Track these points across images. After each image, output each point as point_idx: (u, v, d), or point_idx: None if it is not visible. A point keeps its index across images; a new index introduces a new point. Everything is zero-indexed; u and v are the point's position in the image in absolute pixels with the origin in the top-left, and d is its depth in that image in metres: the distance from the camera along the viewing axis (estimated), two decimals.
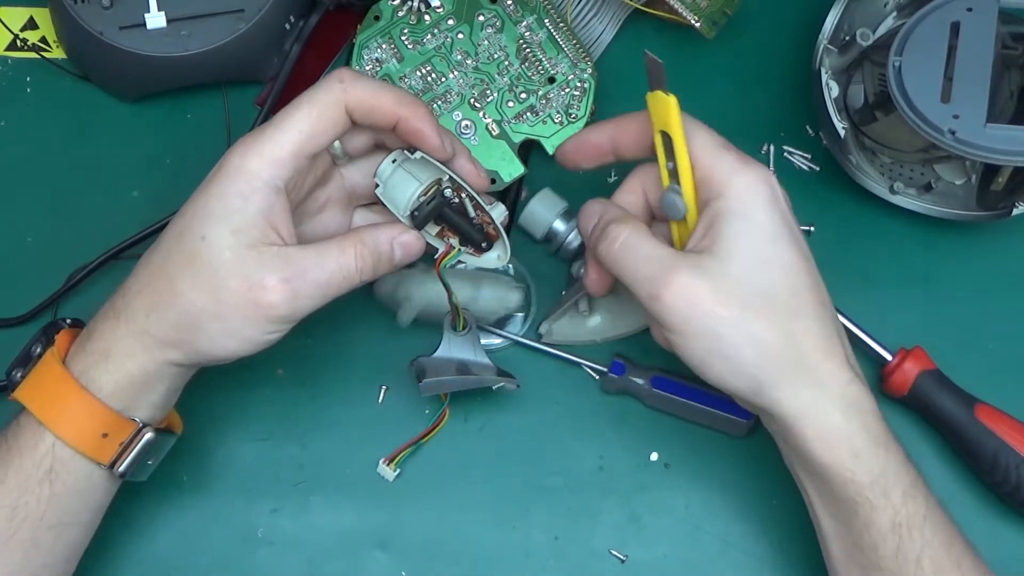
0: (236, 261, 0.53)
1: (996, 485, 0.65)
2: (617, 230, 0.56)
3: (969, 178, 0.70)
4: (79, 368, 0.55)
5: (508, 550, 0.65)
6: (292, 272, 0.53)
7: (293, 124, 0.54)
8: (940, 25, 0.64)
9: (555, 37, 0.70)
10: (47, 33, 0.73)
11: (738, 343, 0.53)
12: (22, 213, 0.70)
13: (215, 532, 0.65)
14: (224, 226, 0.53)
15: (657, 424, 0.67)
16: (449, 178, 0.57)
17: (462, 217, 0.58)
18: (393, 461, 0.65)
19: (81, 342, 0.56)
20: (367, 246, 0.55)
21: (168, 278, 0.54)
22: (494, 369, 0.64)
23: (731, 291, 0.53)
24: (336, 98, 0.54)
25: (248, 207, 0.53)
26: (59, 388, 0.54)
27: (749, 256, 0.53)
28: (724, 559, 0.65)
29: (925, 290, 0.70)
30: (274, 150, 0.53)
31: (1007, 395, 0.66)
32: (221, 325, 0.54)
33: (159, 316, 0.54)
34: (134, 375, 0.55)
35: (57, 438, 0.54)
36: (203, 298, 0.53)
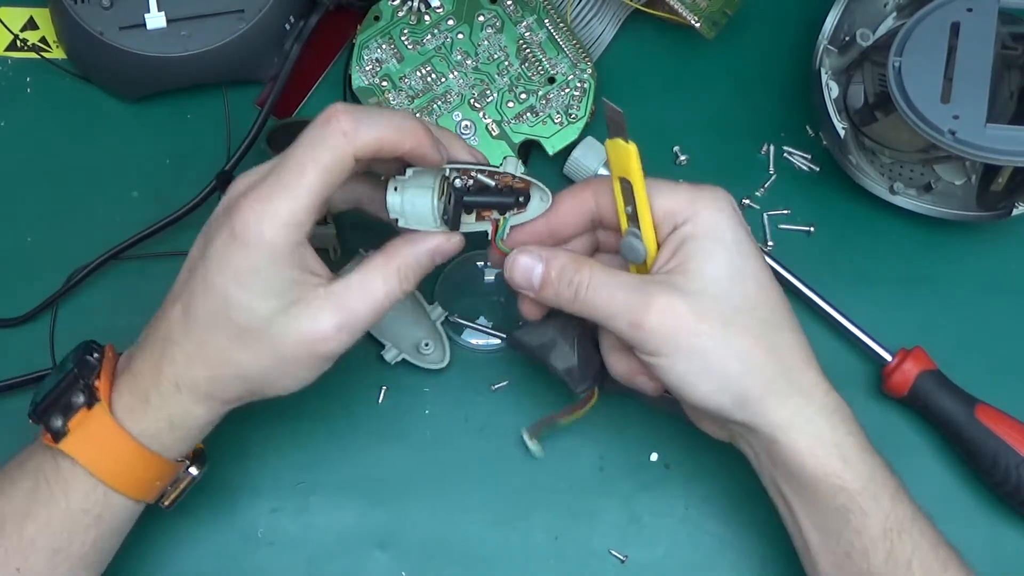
0: (289, 321, 0.53)
1: (996, 485, 0.65)
2: (579, 277, 0.55)
3: (969, 178, 0.70)
4: (138, 429, 0.55)
5: (508, 550, 0.65)
6: (344, 317, 0.53)
7: (304, 186, 0.52)
8: (940, 25, 0.64)
9: (555, 37, 0.70)
10: (47, 33, 0.73)
11: (723, 359, 0.53)
12: (22, 213, 0.70)
13: (215, 532, 0.65)
14: (267, 294, 0.53)
15: (657, 424, 0.67)
16: (450, 169, 0.57)
17: (485, 193, 0.57)
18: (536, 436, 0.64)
19: (136, 403, 0.55)
20: (410, 266, 0.55)
21: (222, 350, 0.54)
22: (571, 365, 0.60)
23: (710, 308, 0.53)
24: (342, 153, 0.52)
25: (284, 270, 0.53)
26: (117, 447, 0.55)
27: (723, 273, 0.53)
28: (724, 559, 0.65)
29: (925, 290, 0.70)
30: (292, 214, 0.52)
31: (1007, 395, 0.66)
32: (284, 376, 0.55)
33: (223, 384, 0.55)
34: (194, 431, 0.56)
35: (111, 488, 0.55)
36: (264, 362, 0.54)
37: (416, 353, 0.66)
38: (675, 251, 0.54)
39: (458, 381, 0.68)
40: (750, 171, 0.72)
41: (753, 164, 0.72)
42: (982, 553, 0.65)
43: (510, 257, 0.57)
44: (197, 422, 0.56)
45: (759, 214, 0.71)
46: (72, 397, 0.55)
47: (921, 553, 0.54)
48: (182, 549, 0.65)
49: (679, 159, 0.72)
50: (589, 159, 0.69)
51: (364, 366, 0.67)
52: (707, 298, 0.53)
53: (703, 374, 0.53)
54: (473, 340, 0.68)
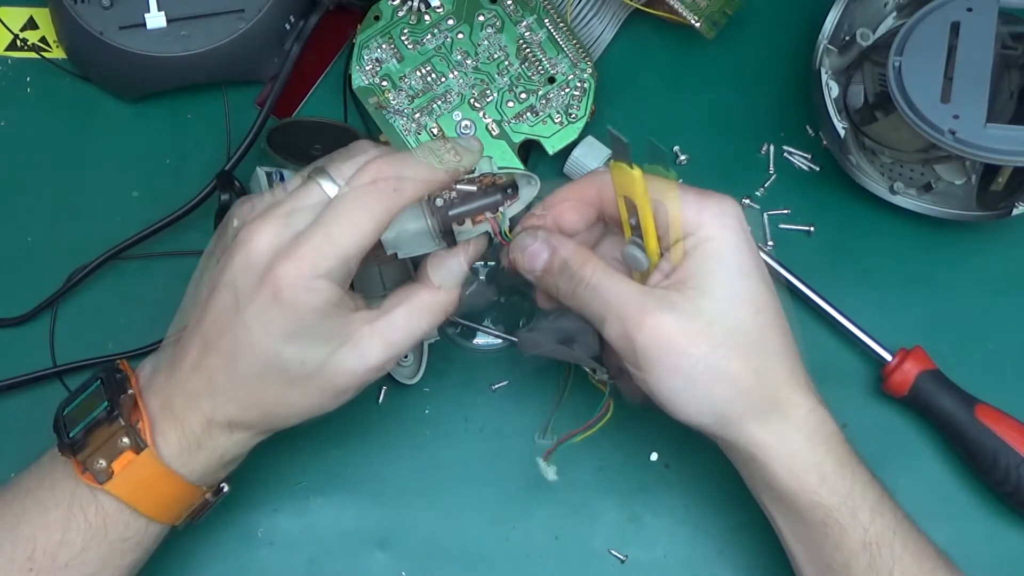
0: (340, 362, 0.54)
1: (996, 485, 0.65)
2: (581, 272, 0.55)
3: (969, 178, 0.70)
4: (189, 469, 0.55)
5: (508, 550, 0.65)
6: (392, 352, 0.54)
7: (354, 243, 0.52)
8: (940, 25, 0.64)
9: (555, 37, 0.70)
10: (47, 33, 0.73)
11: (709, 382, 0.53)
12: (22, 213, 0.70)
13: (215, 532, 0.65)
14: (317, 345, 0.53)
15: (657, 424, 0.67)
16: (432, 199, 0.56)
17: (469, 200, 0.57)
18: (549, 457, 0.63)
19: (189, 448, 0.55)
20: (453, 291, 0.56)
21: (276, 396, 0.54)
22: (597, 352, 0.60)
23: (703, 331, 0.53)
24: (387, 209, 0.53)
25: (332, 323, 0.53)
26: (168, 490, 0.55)
27: (720, 294, 0.53)
28: (724, 559, 0.66)
29: (925, 290, 0.70)
30: (338, 275, 0.52)
31: (1007, 395, 0.66)
32: (333, 405, 0.56)
33: (278, 421, 0.56)
34: (226, 458, 0.56)
35: (151, 520, 0.55)
36: (318, 399, 0.55)
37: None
38: (681, 261, 0.54)
39: (458, 381, 0.68)
40: (750, 171, 0.72)
41: (753, 164, 0.72)
42: (982, 553, 0.65)
43: (518, 238, 0.56)
44: (230, 450, 0.56)
45: (759, 214, 0.71)
46: (116, 439, 0.54)
47: (903, 564, 0.54)
48: (182, 549, 0.65)
49: (679, 159, 0.72)
50: (589, 159, 0.69)
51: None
52: (700, 320, 0.53)
53: (686, 393, 0.53)
54: (473, 340, 0.68)
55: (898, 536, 0.55)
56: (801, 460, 0.54)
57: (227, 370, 0.54)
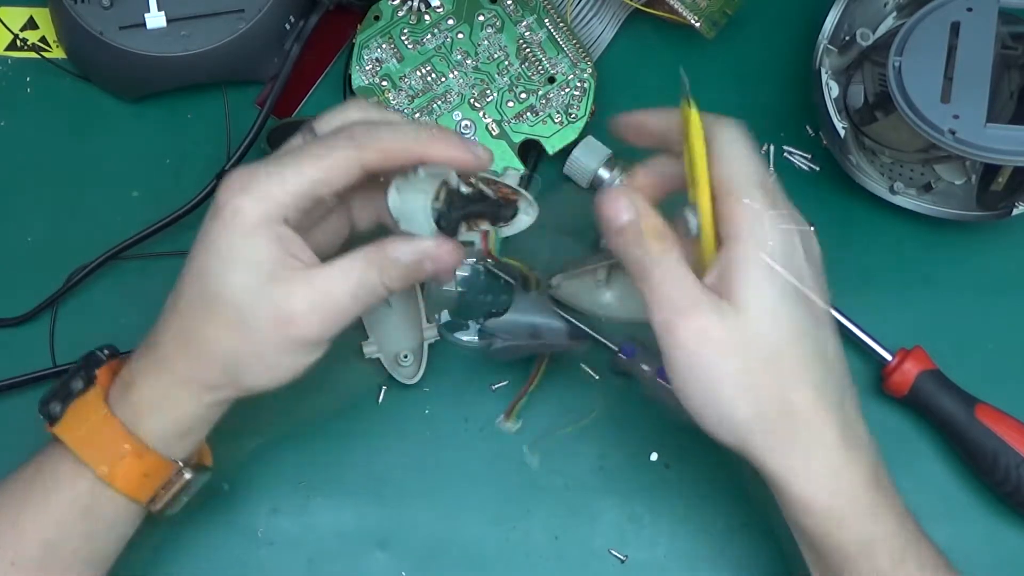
0: (260, 298, 0.52)
1: (996, 485, 0.65)
2: (652, 248, 0.53)
3: (969, 178, 0.70)
4: (125, 413, 0.55)
5: (508, 550, 0.65)
6: (318, 298, 0.53)
7: (297, 171, 0.52)
8: (940, 25, 0.64)
9: (555, 37, 0.70)
10: (47, 33, 0.73)
11: (733, 400, 0.52)
12: (22, 213, 0.70)
13: (215, 532, 0.65)
14: (241, 266, 0.52)
15: (657, 424, 0.67)
16: (456, 176, 0.55)
17: (482, 203, 0.56)
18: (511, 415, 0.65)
19: (123, 389, 0.55)
20: (392, 263, 0.54)
21: (197, 326, 0.54)
22: (564, 332, 0.61)
23: (739, 348, 0.51)
24: (347, 155, 0.52)
25: (259, 243, 0.52)
26: (103, 430, 0.54)
27: (761, 315, 0.51)
28: (724, 559, 0.65)
29: (925, 290, 0.70)
30: (276, 192, 0.52)
31: (1007, 395, 0.66)
32: (260, 362, 0.54)
33: (200, 364, 0.54)
34: (181, 420, 0.55)
35: (98, 478, 0.54)
36: (236, 339, 0.53)
37: (393, 361, 0.66)
38: (724, 272, 0.52)
39: (458, 381, 0.68)
40: None
41: None
42: (982, 553, 0.65)
43: (614, 190, 0.54)
44: (180, 408, 0.55)
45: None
46: (72, 383, 0.56)
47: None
48: (182, 549, 0.65)
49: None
50: (589, 159, 0.69)
51: (364, 366, 0.67)
52: (740, 336, 0.51)
53: (712, 406, 0.52)
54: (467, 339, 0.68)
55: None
56: (821, 506, 0.52)
57: (172, 302, 0.54)
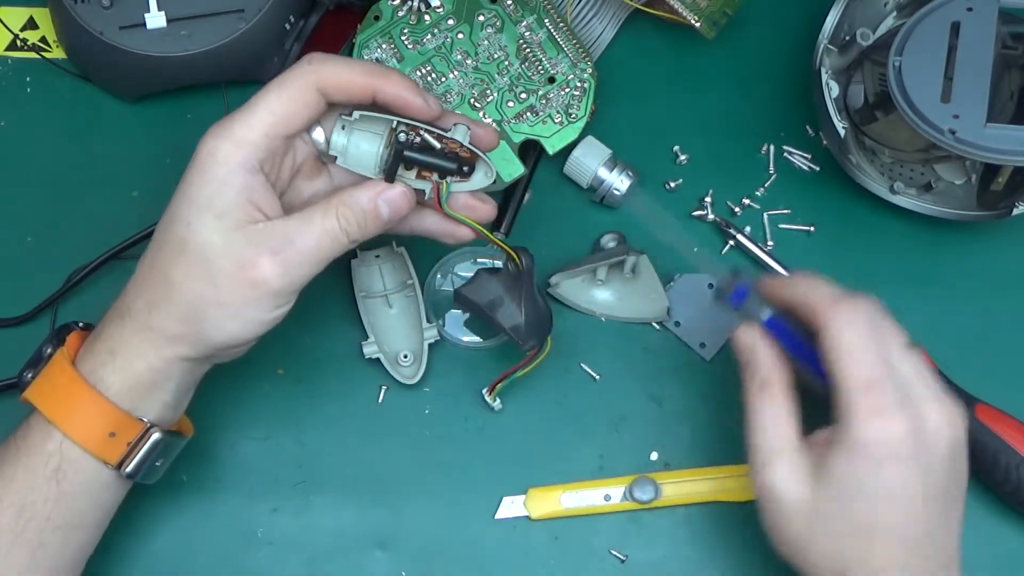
0: (224, 243, 0.53)
1: (996, 485, 0.65)
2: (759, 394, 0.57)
3: (969, 178, 0.70)
4: (87, 368, 0.55)
5: (508, 550, 0.65)
6: (279, 244, 0.53)
7: (263, 106, 0.54)
8: (940, 25, 0.64)
9: (555, 37, 0.70)
10: (47, 33, 0.73)
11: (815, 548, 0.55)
12: (22, 213, 0.70)
13: (215, 532, 0.65)
14: (207, 211, 0.53)
15: (657, 424, 0.67)
16: (399, 122, 0.56)
17: (426, 152, 0.57)
18: (493, 391, 0.65)
19: (90, 343, 0.56)
20: (348, 206, 0.55)
21: (162, 270, 0.54)
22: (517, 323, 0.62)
23: (816, 521, 0.54)
24: (306, 80, 0.54)
25: (227, 190, 0.53)
26: (67, 387, 0.55)
27: (828, 497, 0.54)
28: (724, 559, 0.65)
29: (925, 290, 0.70)
30: (246, 133, 0.54)
31: (1007, 395, 0.66)
32: (222, 310, 0.54)
33: (161, 311, 0.54)
34: (142, 373, 0.55)
35: (65, 436, 0.54)
36: (198, 285, 0.53)
37: (393, 360, 0.66)
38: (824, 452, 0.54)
39: (458, 381, 0.68)
40: (750, 171, 0.72)
41: (753, 164, 0.72)
42: (982, 553, 0.65)
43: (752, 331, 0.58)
44: (140, 358, 0.55)
45: (759, 214, 0.71)
46: (43, 349, 0.57)
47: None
48: (182, 548, 0.65)
49: (679, 159, 0.72)
50: (589, 159, 0.69)
51: (364, 366, 0.67)
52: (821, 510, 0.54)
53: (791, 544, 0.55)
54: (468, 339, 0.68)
55: None
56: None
57: (145, 257, 0.56)
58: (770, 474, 0.55)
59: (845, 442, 0.53)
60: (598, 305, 0.69)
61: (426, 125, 0.57)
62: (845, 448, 0.53)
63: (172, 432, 0.57)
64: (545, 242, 0.69)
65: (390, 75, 0.56)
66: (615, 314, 0.69)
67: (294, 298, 0.55)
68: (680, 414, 0.68)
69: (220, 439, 0.65)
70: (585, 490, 0.66)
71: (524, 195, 0.70)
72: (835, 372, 0.54)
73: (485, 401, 0.66)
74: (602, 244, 0.69)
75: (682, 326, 0.69)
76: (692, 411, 0.68)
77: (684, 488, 0.66)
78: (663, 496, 0.65)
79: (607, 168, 0.69)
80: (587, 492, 0.66)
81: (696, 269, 0.68)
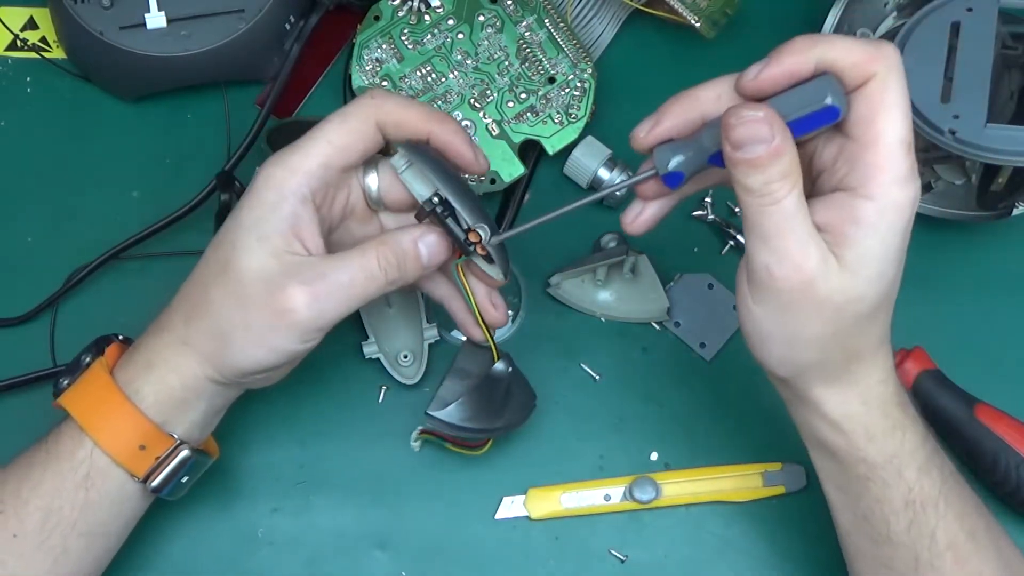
0: (259, 268, 0.53)
1: (996, 485, 0.65)
2: (778, 186, 0.49)
3: (969, 178, 0.70)
4: (124, 378, 0.55)
5: (508, 550, 0.65)
6: (311, 276, 0.53)
7: (322, 136, 0.54)
8: (940, 25, 0.64)
9: (555, 37, 0.70)
10: (47, 33, 0.73)
11: (806, 343, 0.52)
12: (22, 213, 0.70)
13: (215, 532, 0.65)
14: (251, 234, 0.53)
15: (657, 424, 0.67)
16: (437, 193, 0.56)
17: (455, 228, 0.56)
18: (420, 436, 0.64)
19: (129, 354, 0.56)
20: (388, 245, 0.55)
21: (203, 288, 0.54)
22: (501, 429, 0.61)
23: (833, 309, 0.51)
24: (366, 113, 0.54)
25: (273, 216, 0.53)
26: (102, 395, 0.55)
27: (864, 284, 0.51)
28: (724, 559, 0.65)
29: (925, 290, 0.70)
30: (302, 161, 0.54)
31: (1007, 395, 0.66)
32: (247, 334, 0.54)
33: (195, 326, 0.55)
34: (175, 388, 0.55)
35: (96, 445, 0.55)
36: (230, 306, 0.54)
37: (394, 360, 0.66)
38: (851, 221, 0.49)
39: None
40: None
41: None
42: None
43: (756, 109, 0.49)
44: (174, 371, 0.55)
45: None
46: (83, 358, 0.57)
47: (946, 523, 0.54)
48: (182, 548, 0.65)
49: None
50: (589, 159, 0.69)
51: (364, 366, 0.67)
52: (840, 299, 0.50)
53: (781, 342, 0.52)
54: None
55: (943, 496, 0.55)
56: (852, 421, 0.53)
57: (192, 274, 0.56)
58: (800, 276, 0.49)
59: (875, 222, 0.49)
60: (598, 305, 0.69)
61: (460, 209, 0.56)
62: (875, 228, 0.49)
63: (199, 451, 0.58)
64: (545, 242, 0.69)
65: (447, 122, 0.56)
66: (615, 314, 0.69)
67: (322, 334, 0.55)
68: (680, 414, 0.68)
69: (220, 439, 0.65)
70: (585, 490, 0.66)
71: (524, 195, 0.70)
72: (874, 128, 0.49)
73: None
74: (602, 244, 0.69)
75: (682, 326, 0.69)
76: (692, 411, 0.68)
77: (684, 488, 0.66)
78: (663, 496, 0.65)
79: (607, 168, 0.69)
80: (587, 492, 0.66)
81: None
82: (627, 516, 0.66)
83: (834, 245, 0.50)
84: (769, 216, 0.49)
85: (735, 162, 0.49)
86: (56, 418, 0.57)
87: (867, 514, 0.55)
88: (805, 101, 0.49)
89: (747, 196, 0.50)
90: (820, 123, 0.49)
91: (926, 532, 0.54)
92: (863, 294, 0.51)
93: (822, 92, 0.49)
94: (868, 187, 0.49)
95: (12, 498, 0.55)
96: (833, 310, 0.50)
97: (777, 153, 0.48)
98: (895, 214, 0.49)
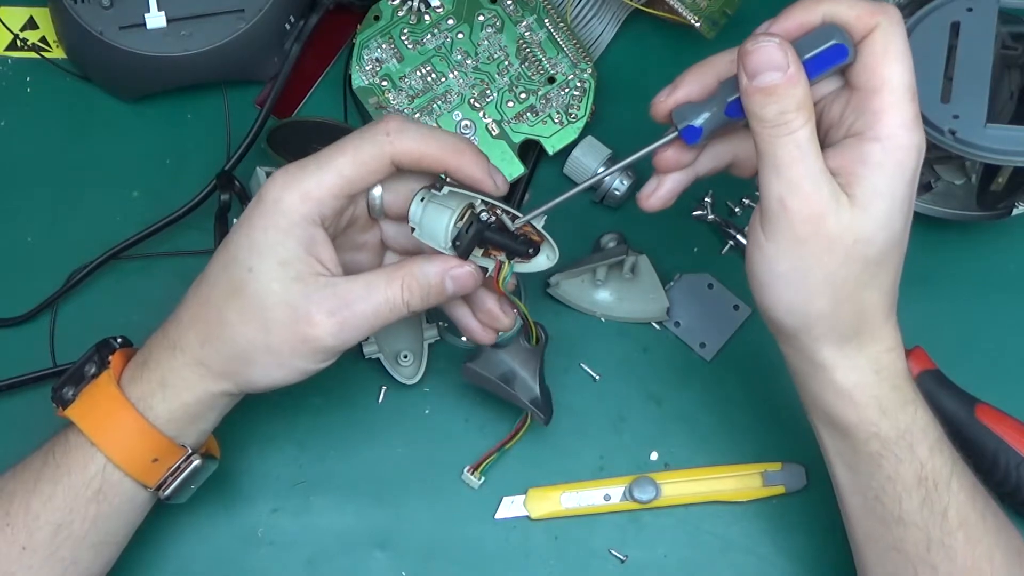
0: (283, 292, 0.53)
1: (996, 485, 0.65)
2: (794, 117, 0.50)
3: (969, 178, 0.70)
4: (137, 394, 0.55)
5: (508, 550, 0.65)
6: (338, 305, 0.53)
7: (335, 168, 0.54)
8: (940, 25, 0.64)
9: (555, 37, 0.70)
10: (47, 33, 0.73)
11: (814, 289, 0.51)
12: (22, 213, 0.70)
13: (215, 532, 0.65)
14: (270, 258, 0.53)
15: (657, 424, 0.67)
16: (481, 200, 0.56)
17: (503, 234, 0.56)
18: (478, 469, 0.65)
19: (136, 369, 0.56)
20: (416, 278, 0.55)
21: (217, 309, 0.54)
22: (535, 396, 0.63)
23: (845, 247, 0.51)
24: (381, 150, 0.54)
25: (290, 241, 0.53)
26: (115, 412, 0.55)
27: (873, 223, 0.51)
28: (724, 559, 0.65)
29: (925, 290, 0.69)
30: (313, 189, 0.53)
31: (1007, 395, 0.66)
32: (270, 357, 0.54)
33: (212, 348, 0.55)
34: (190, 405, 0.55)
35: (108, 460, 0.55)
36: (251, 329, 0.54)
37: (393, 360, 0.66)
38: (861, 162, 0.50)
39: (458, 381, 0.67)
40: None
41: None
42: None
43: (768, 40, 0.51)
44: (189, 391, 0.55)
45: None
46: (86, 367, 0.57)
47: (958, 503, 0.54)
48: (182, 548, 0.65)
49: None
50: (589, 159, 0.69)
51: (364, 366, 0.67)
52: (851, 236, 0.51)
53: (788, 287, 0.52)
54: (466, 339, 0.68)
55: (955, 476, 0.54)
56: (864, 392, 0.53)
57: (199, 281, 0.55)
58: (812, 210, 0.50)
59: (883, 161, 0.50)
60: (598, 305, 0.69)
61: (503, 204, 0.56)
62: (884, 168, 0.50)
63: (207, 456, 0.58)
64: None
65: (464, 152, 0.55)
66: (615, 314, 0.69)
67: (340, 354, 0.55)
68: (680, 414, 0.68)
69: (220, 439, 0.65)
70: (585, 490, 0.66)
71: (524, 195, 0.70)
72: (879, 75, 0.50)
73: (485, 401, 0.66)
74: (602, 244, 0.69)
75: (682, 326, 0.69)
76: (692, 411, 0.68)
77: (684, 488, 0.66)
78: (663, 496, 0.65)
79: (607, 168, 0.69)
80: (587, 492, 0.66)
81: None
82: (627, 516, 0.66)
83: (845, 186, 0.51)
84: (783, 146, 0.50)
85: (751, 93, 0.50)
86: (55, 421, 0.57)
87: (879, 493, 0.55)
88: (814, 42, 0.51)
89: (762, 128, 0.51)
90: (830, 63, 0.51)
91: (938, 510, 0.54)
92: (872, 236, 0.51)
93: (829, 33, 0.51)
94: (875, 129, 0.50)
95: (22, 512, 0.55)
96: (843, 250, 0.51)
97: (791, 82, 0.50)
98: (902, 154, 0.50)
